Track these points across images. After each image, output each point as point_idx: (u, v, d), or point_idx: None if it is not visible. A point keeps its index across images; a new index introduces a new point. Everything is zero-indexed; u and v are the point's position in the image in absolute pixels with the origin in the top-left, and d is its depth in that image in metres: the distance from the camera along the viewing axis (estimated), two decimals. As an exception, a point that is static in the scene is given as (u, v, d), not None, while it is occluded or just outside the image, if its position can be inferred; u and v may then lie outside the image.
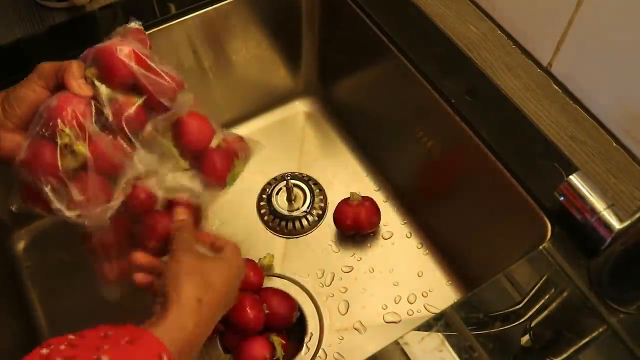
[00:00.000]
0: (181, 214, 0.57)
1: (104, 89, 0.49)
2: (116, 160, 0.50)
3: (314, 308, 0.77)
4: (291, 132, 0.94)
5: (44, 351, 0.41)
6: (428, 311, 0.77)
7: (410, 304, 0.77)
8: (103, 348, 0.41)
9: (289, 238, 0.83)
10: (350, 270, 0.80)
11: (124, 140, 0.50)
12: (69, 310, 0.75)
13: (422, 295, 0.78)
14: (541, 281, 0.57)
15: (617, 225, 0.54)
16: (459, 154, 0.72)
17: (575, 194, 0.56)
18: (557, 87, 0.70)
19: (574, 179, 0.57)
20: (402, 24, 0.76)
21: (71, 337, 0.43)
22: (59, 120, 0.47)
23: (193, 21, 0.77)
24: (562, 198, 0.58)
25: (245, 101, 0.92)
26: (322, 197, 0.86)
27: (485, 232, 0.73)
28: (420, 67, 0.72)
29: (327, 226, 0.84)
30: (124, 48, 0.49)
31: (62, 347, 0.41)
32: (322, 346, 0.74)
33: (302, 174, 0.89)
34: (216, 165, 0.56)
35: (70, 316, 0.74)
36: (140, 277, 0.55)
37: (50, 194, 0.48)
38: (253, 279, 0.72)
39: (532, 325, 0.54)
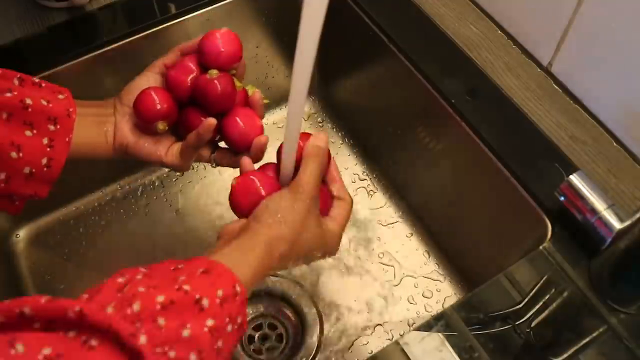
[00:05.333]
0: (321, 140, 0.51)
1: None
2: None
3: (314, 308, 0.76)
4: (291, 132, 0.94)
5: (120, 280, 0.39)
6: (428, 311, 0.77)
7: (410, 304, 0.77)
8: (179, 279, 0.40)
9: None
10: (351, 271, 0.80)
11: None
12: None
13: (422, 295, 0.78)
14: (541, 281, 0.57)
15: (617, 225, 0.54)
16: (459, 154, 0.71)
17: (576, 193, 0.56)
18: (557, 87, 0.70)
19: (575, 178, 0.57)
20: (402, 24, 0.76)
21: (143, 269, 0.41)
22: None
23: (193, 21, 0.77)
24: (562, 198, 0.58)
25: (245, 101, 0.92)
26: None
27: (485, 232, 0.73)
28: (420, 67, 0.72)
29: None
30: None
31: (139, 277, 0.40)
32: (322, 347, 0.74)
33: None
34: None
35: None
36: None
37: None
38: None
39: (532, 325, 0.54)
